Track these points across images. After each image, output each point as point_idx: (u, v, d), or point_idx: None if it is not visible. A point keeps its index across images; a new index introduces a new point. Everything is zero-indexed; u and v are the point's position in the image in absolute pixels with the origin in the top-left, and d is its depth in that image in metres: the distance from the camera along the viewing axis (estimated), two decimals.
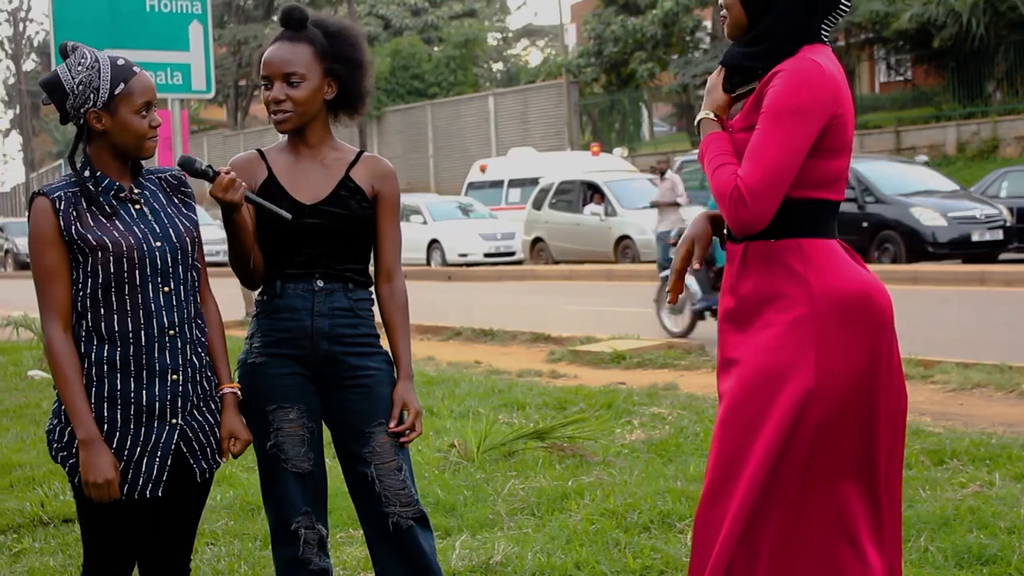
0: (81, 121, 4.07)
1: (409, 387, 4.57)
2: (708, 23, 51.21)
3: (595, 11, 52.46)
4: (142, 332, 4.05)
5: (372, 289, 4.65)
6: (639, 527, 6.80)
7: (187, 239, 4.16)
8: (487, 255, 33.82)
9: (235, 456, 4.25)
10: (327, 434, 4.65)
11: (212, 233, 26.92)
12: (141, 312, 4.05)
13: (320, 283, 4.50)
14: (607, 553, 6.37)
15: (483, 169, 39.35)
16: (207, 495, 4.36)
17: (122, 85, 4.03)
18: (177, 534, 4.29)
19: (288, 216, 4.34)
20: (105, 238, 4.02)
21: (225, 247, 4.54)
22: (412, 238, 34.32)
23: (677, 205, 22.25)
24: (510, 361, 14.53)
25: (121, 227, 4.06)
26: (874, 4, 38.07)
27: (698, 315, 15.75)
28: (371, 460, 4.51)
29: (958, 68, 38.51)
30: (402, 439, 4.54)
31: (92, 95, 4.02)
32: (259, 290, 4.62)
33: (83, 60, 4.06)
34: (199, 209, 4.44)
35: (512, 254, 33.84)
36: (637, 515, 6.96)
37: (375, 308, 4.64)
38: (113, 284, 4.03)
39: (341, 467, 4.63)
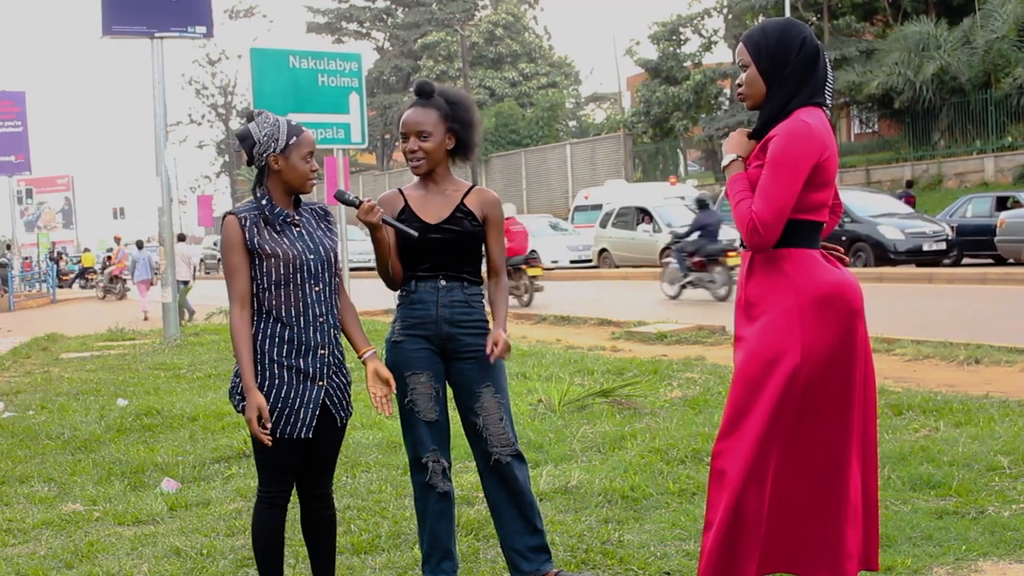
0: (263, 163, 4.14)
1: (501, 332, 4.48)
2: (728, 90, 50.90)
3: (645, 82, 52.36)
4: (302, 317, 4.11)
5: (483, 286, 4.65)
6: (677, 460, 6.77)
7: (331, 253, 4.22)
8: (572, 261, 33.61)
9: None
10: (450, 393, 4.65)
11: (365, 246, 26.99)
12: (301, 303, 4.11)
13: (443, 282, 4.50)
14: (653, 479, 6.33)
15: (587, 196, 38.94)
16: (343, 436, 4.38)
17: (295, 137, 4.12)
18: (324, 464, 4.32)
19: (415, 234, 4.37)
20: (278, 249, 4.09)
21: (373, 255, 4.57)
22: None
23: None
24: (582, 339, 14.46)
25: (287, 242, 4.12)
26: (850, 75, 37.68)
27: None
28: (480, 412, 4.51)
29: (912, 122, 37.97)
30: (494, 356, 4.43)
31: (273, 144, 4.10)
32: (398, 288, 4.63)
33: (267, 120, 4.15)
34: (354, 229, 4.46)
35: (589, 260, 33.55)
36: (675, 452, 6.93)
37: (485, 299, 4.65)
38: (283, 282, 4.10)
39: (459, 416, 4.63)
